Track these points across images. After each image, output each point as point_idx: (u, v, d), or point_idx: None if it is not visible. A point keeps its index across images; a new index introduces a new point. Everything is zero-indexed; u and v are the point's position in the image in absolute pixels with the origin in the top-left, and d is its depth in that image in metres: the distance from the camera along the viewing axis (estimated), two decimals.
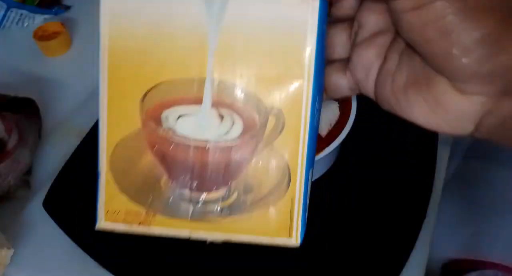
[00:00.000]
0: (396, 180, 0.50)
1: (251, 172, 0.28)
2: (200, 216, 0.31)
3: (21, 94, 0.59)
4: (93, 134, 0.57)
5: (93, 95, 0.62)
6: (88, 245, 0.48)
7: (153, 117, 0.29)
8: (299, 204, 0.30)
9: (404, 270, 0.44)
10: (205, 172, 0.29)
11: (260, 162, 0.28)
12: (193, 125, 0.28)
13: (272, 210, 0.29)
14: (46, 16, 0.77)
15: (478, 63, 0.23)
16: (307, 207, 0.31)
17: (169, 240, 0.47)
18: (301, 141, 0.28)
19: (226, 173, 0.29)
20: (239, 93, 0.28)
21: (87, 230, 0.48)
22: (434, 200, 0.48)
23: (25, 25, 0.77)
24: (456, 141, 0.55)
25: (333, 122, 0.48)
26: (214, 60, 0.28)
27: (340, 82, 0.32)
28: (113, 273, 0.46)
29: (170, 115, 0.29)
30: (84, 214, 0.50)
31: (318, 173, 0.50)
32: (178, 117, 0.28)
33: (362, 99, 0.48)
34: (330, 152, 0.45)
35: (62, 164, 0.55)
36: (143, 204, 0.31)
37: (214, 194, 0.30)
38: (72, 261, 0.47)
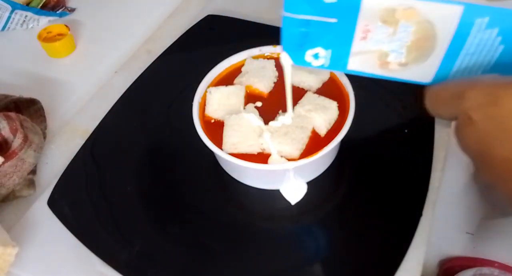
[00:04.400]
0: (393, 179, 0.50)
1: None
2: None
3: (26, 95, 0.60)
4: (97, 134, 0.58)
5: (97, 96, 0.64)
6: (93, 243, 0.48)
7: None
8: None
9: (402, 267, 0.44)
10: None
11: None
12: None
13: None
14: (51, 18, 0.78)
15: None
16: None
17: (175, 241, 0.48)
18: None
19: None
20: None
21: (91, 228, 0.50)
22: (430, 199, 0.48)
23: (30, 27, 0.78)
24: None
25: (332, 122, 0.49)
26: None
27: None
28: (118, 271, 0.46)
29: None
30: (88, 213, 0.51)
31: (317, 171, 0.51)
32: None
33: (361, 99, 0.49)
34: (329, 151, 0.46)
35: (67, 163, 0.55)
36: None
37: None
38: (76, 259, 0.48)
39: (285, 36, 0.41)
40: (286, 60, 0.43)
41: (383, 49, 0.39)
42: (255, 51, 0.56)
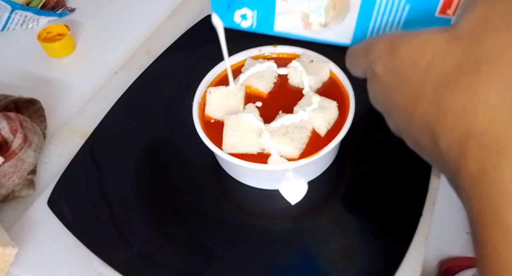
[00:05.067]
0: (393, 179, 0.50)
1: None
2: None
3: (26, 95, 0.60)
4: (97, 134, 0.58)
5: (97, 96, 0.64)
6: (93, 243, 0.48)
7: None
8: None
9: (401, 267, 0.44)
10: None
11: None
12: None
13: None
14: (51, 18, 0.78)
15: None
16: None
17: (175, 241, 0.48)
18: None
19: None
20: None
21: (91, 228, 0.50)
22: (430, 199, 0.49)
23: (30, 27, 0.78)
24: None
25: (332, 122, 0.49)
26: None
27: None
28: (118, 271, 0.46)
29: None
30: (88, 213, 0.51)
31: (317, 172, 0.51)
32: None
33: (361, 99, 0.49)
34: (329, 151, 0.46)
35: (67, 163, 0.55)
36: None
37: None
38: (76, 259, 0.48)
39: None
40: (217, 21, 0.45)
41: (303, 10, 0.41)
42: (255, 51, 0.56)
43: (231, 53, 0.55)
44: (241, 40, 0.57)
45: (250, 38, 0.57)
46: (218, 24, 0.44)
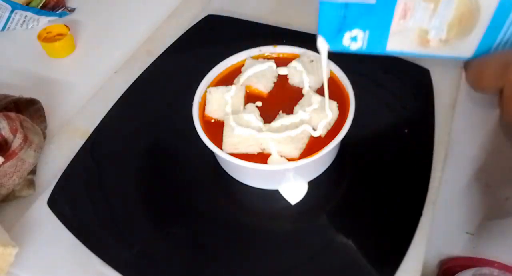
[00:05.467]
0: (393, 179, 0.50)
1: None
2: None
3: (26, 95, 0.60)
4: (97, 134, 0.58)
5: (97, 96, 0.64)
6: (93, 243, 0.48)
7: None
8: None
9: (401, 267, 0.44)
10: None
11: None
12: None
13: None
14: (51, 18, 0.78)
15: None
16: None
17: (175, 241, 0.48)
18: None
19: None
20: None
21: (91, 228, 0.50)
22: (430, 199, 0.48)
23: (30, 27, 0.78)
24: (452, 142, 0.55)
25: (332, 122, 0.49)
26: None
27: None
28: (117, 271, 0.46)
29: None
30: (88, 213, 0.51)
31: (317, 172, 0.51)
32: None
33: (361, 99, 0.49)
34: (329, 151, 0.46)
35: (67, 163, 0.55)
36: None
37: None
38: (76, 259, 0.48)
39: (322, 21, 0.40)
40: (323, 45, 0.42)
41: (423, 27, 0.38)
42: (255, 51, 0.56)
43: (231, 52, 0.55)
44: (241, 40, 0.57)
45: (250, 38, 0.57)
46: (323, 48, 0.41)
